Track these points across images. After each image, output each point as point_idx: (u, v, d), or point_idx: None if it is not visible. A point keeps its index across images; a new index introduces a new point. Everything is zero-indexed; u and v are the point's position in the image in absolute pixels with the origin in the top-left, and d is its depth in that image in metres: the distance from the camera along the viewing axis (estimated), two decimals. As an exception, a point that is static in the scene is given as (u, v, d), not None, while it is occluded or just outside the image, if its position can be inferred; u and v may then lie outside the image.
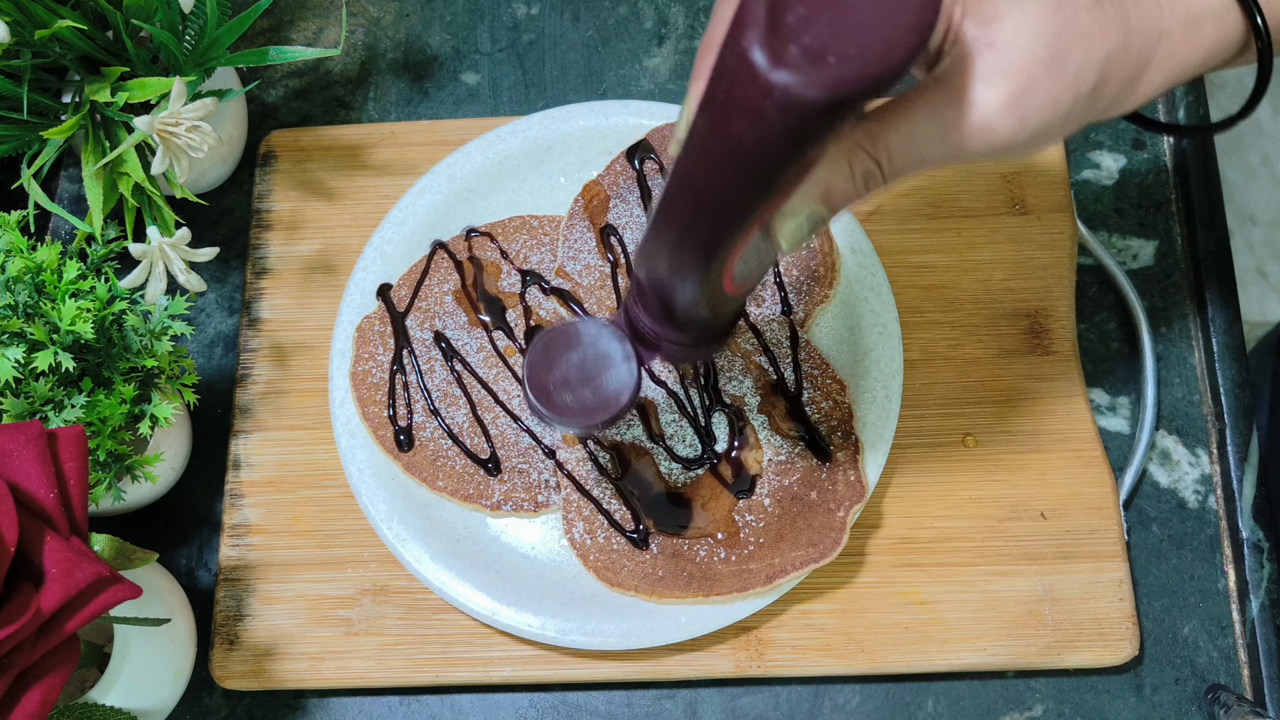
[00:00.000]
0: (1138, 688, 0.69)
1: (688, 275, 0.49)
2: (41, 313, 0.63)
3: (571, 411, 0.58)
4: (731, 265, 0.48)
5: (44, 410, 0.62)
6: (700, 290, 0.50)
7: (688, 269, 0.48)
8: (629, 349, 0.59)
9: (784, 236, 0.46)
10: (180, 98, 0.64)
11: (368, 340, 0.73)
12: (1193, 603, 0.71)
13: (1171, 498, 0.73)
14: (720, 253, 0.47)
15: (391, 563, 0.71)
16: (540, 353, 0.59)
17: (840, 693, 0.69)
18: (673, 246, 0.47)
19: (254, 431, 0.75)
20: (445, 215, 0.77)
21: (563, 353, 0.59)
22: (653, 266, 0.50)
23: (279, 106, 0.85)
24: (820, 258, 0.74)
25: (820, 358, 0.71)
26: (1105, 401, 0.75)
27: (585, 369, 0.58)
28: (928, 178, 0.78)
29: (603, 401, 0.58)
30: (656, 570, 0.67)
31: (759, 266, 0.51)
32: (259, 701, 0.71)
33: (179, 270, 0.67)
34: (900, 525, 0.71)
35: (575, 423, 0.59)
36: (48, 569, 0.50)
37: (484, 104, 0.84)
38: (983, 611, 0.69)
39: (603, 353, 0.59)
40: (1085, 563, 0.69)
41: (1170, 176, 0.80)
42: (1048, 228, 0.77)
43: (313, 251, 0.79)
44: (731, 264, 0.48)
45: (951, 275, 0.76)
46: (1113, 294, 0.77)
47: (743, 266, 0.49)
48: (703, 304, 0.51)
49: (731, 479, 0.69)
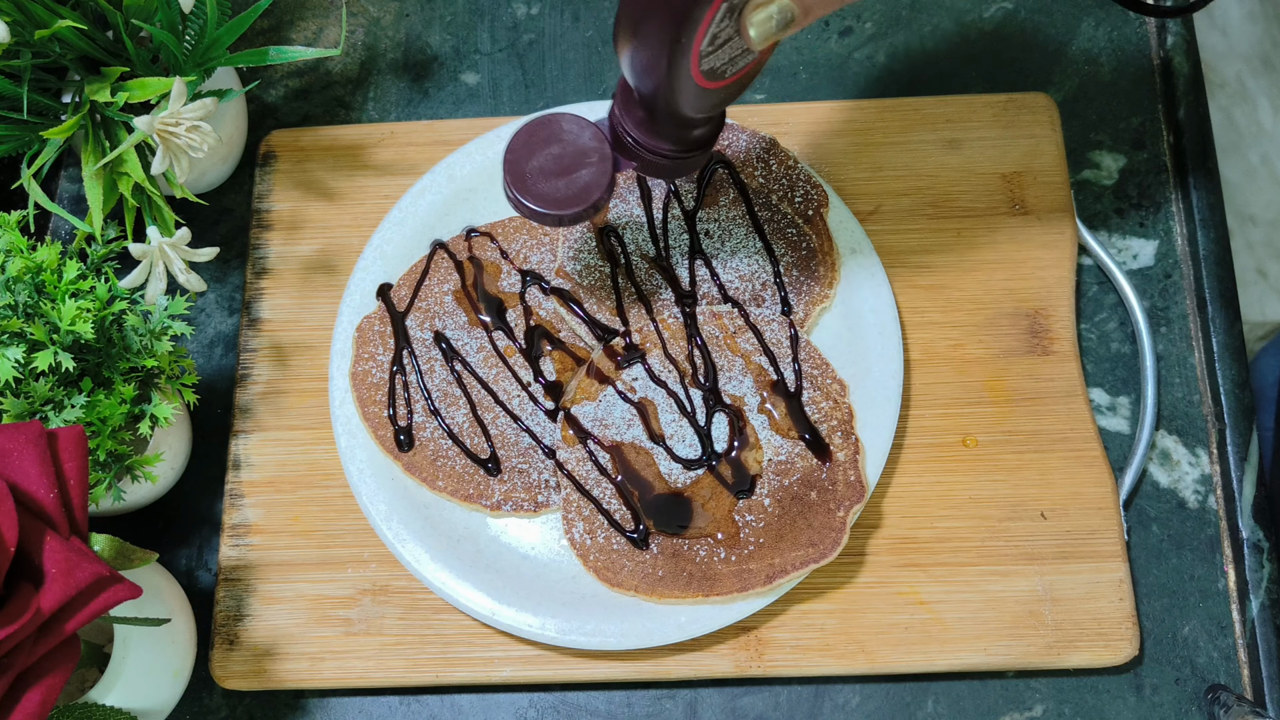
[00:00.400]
0: (1138, 688, 0.69)
1: (653, 48, 0.49)
2: (41, 313, 0.62)
3: (543, 199, 0.61)
4: (698, 46, 0.49)
5: (44, 410, 0.62)
6: (671, 75, 0.51)
7: (652, 41, 0.49)
8: (607, 151, 0.61)
9: (754, 27, 0.48)
10: (180, 98, 0.64)
11: (368, 340, 0.73)
12: (1193, 603, 0.70)
13: (1171, 498, 0.73)
14: (686, 23, 0.47)
15: (391, 563, 0.71)
16: (522, 140, 0.62)
17: (840, 693, 0.69)
18: (639, 12, 0.49)
19: (254, 431, 0.75)
20: (445, 215, 0.77)
21: (543, 145, 0.61)
22: (623, 39, 0.51)
23: (279, 106, 0.84)
24: (820, 257, 0.73)
25: (820, 358, 0.71)
26: (1105, 401, 0.75)
27: (562, 161, 0.61)
28: (928, 178, 0.78)
29: (573, 195, 0.61)
30: (656, 570, 0.67)
31: (733, 64, 0.52)
32: (259, 701, 0.71)
33: (179, 270, 0.67)
34: (900, 525, 0.71)
35: (544, 210, 0.61)
36: (48, 569, 0.50)
37: (484, 104, 0.84)
38: (983, 611, 0.69)
39: (582, 148, 0.61)
40: (1085, 563, 0.69)
41: (1170, 176, 0.80)
42: (1048, 228, 0.76)
43: (313, 251, 0.79)
44: (698, 44, 0.49)
45: (952, 275, 0.76)
46: (1113, 294, 0.77)
47: (713, 55, 0.50)
48: (677, 96, 0.52)
49: (731, 479, 0.68)
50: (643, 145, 0.59)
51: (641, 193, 0.75)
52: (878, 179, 0.78)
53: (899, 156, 0.79)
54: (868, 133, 0.79)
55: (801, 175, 0.75)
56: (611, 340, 0.72)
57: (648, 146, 0.59)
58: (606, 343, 0.72)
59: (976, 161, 0.78)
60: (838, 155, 0.79)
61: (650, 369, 0.71)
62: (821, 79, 0.83)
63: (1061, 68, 0.83)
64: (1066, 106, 0.81)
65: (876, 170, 0.79)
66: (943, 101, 0.80)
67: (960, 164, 0.78)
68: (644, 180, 0.75)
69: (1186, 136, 0.80)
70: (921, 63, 0.83)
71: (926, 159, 0.78)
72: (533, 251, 0.75)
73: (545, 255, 0.75)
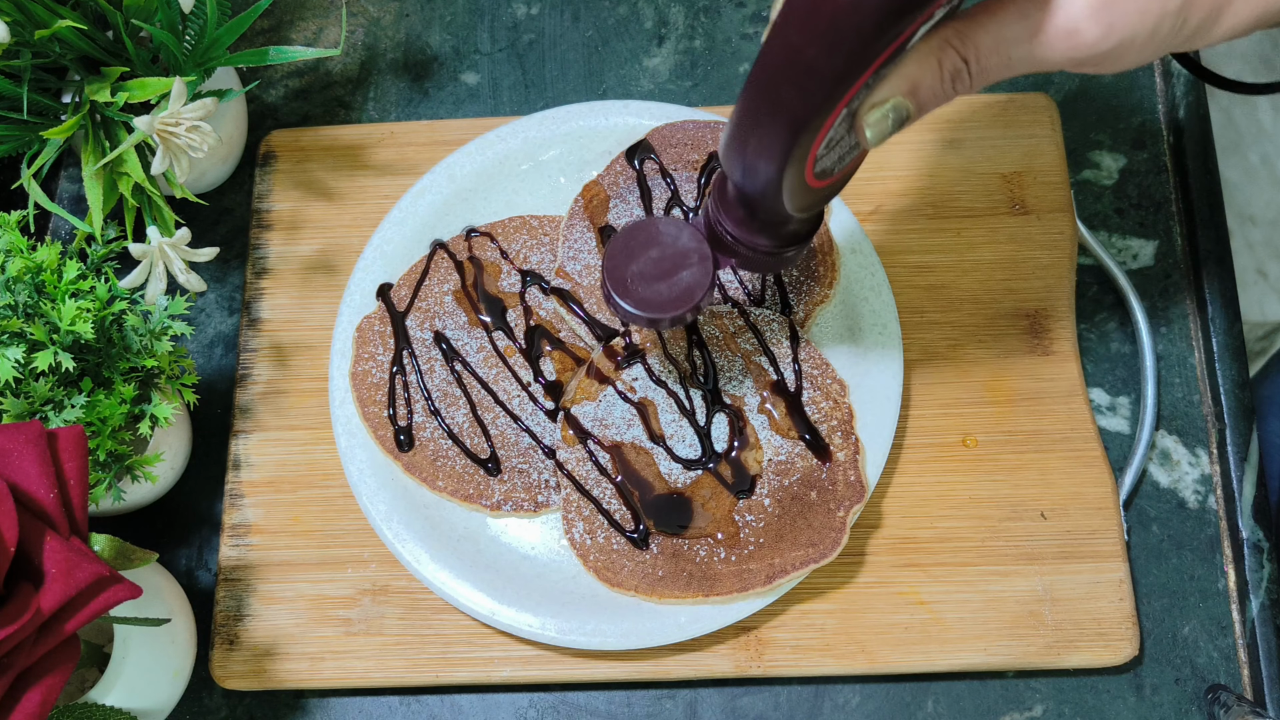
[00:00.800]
0: (1138, 688, 0.69)
1: (772, 157, 0.49)
2: (41, 313, 0.62)
3: (647, 304, 0.61)
4: (815, 150, 0.48)
5: (44, 410, 0.62)
6: (783, 179, 0.50)
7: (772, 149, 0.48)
8: (706, 250, 0.61)
9: (870, 127, 0.48)
10: (180, 98, 0.64)
11: (368, 340, 0.73)
12: (1193, 603, 0.70)
13: (1171, 498, 0.73)
14: (806, 132, 0.47)
15: (391, 563, 0.71)
16: (620, 246, 0.62)
17: (840, 693, 0.69)
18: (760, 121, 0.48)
19: (254, 431, 0.75)
20: (445, 215, 0.77)
21: (643, 248, 0.61)
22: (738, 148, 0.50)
23: (279, 106, 0.84)
24: (820, 257, 0.73)
25: (820, 358, 0.71)
26: (1105, 401, 0.75)
27: (663, 265, 0.61)
28: (928, 178, 0.78)
29: (676, 298, 0.61)
30: (656, 570, 0.67)
31: (841, 161, 0.52)
32: (259, 702, 0.71)
33: (179, 270, 0.67)
34: (900, 525, 0.71)
35: (649, 315, 0.61)
36: (48, 569, 0.50)
37: (484, 104, 0.84)
38: (983, 611, 0.69)
39: (681, 250, 0.61)
40: (1085, 563, 0.69)
41: (1170, 176, 0.80)
42: (1048, 228, 0.76)
43: (313, 251, 0.79)
44: (815, 149, 0.48)
45: (951, 275, 0.76)
46: (1113, 294, 0.77)
47: (826, 156, 0.50)
48: (784, 197, 0.52)
49: (731, 479, 0.68)
50: (741, 242, 0.58)
51: (642, 193, 0.75)
52: (878, 179, 0.78)
53: (899, 156, 0.79)
54: (868, 133, 0.79)
55: (801, 175, 0.75)
56: (611, 340, 0.72)
57: (746, 243, 0.58)
58: (606, 343, 0.72)
59: (976, 161, 0.78)
60: (837, 155, 0.79)
61: (650, 369, 0.71)
62: (821, 79, 0.83)
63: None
64: (1066, 106, 0.81)
65: (876, 170, 0.78)
66: (943, 101, 0.80)
67: (960, 164, 0.78)
68: (644, 180, 0.75)
69: (1186, 136, 0.79)
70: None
71: (927, 159, 0.78)
72: (533, 252, 0.75)
73: (545, 255, 0.75)
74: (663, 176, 0.75)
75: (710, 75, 0.84)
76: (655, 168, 0.75)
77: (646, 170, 0.75)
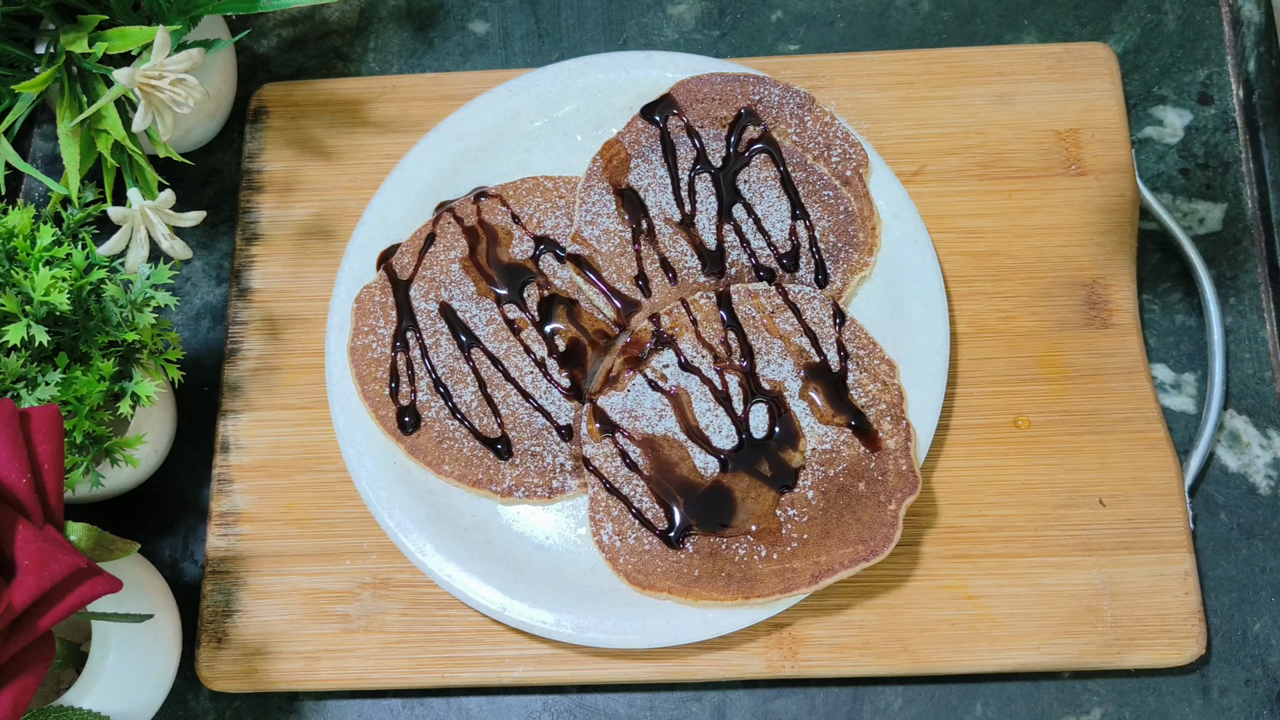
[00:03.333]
0: (1204, 689, 0.68)
1: None
2: (13, 282, 0.62)
3: None
4: None
5: (16, 388, 0.62)
6: None
7: None
8: None
9: None
10: (164, 48, 0.64)
11: (368, 312, 0.72)
12: (1264, 597, 0.69)
13: (1241, 483, 0.72)
14: None
15: (393, 554, 0.71)
16: None
17: (881, 695, 0.68)
18: None
19: (244, 411, 0.75)
20: (452, 176, 0.76)
21: None
22: None
23: (271, 58, 0.84)
24: (859, 222, 0.72)
25: (867, 336, 0.70)
26: (1169, 379, 0.74)
27: None
28: (977, 135, 0.77)
29: None
30: (692, 570, 0.66)
31: None
32: (249, 705, 0.71)
33: (162, 236, 0.66)
34: (947, 513, 0.70)
35: None
36: (20, 560, 0.50)
37: (494, 55, 0.84)
38: (1036, 607, 0.68)
39: None
40: (1147, 554, 0.68)
41: (1240, 134, 0.79)
42: (1107, 190, 0.76)
43: (308, 216, 0.78)
44: None
45: (1003, 241, 0.75)
46: (1177, 262, 0.76)
47: None
48: None
49: (771, 472, 0.67)
50: None
51: (665, 152, 0.74)
52: (922, 137, 0.78)
53: (945, 112, 0.78)
54: (911, 86, 0.79)
55: (839, 133, 0.74)
56: (632, 312, 0.71)
57: None
58: (627, 314, 0.71)
59: (1029, 117, 0.78)
60: (879, 111, 0.78)
61: (682, 354, 0.70)
62: (861, 27, 0.83)
63: (1122, 15, 0.82)
64: (1127, 58, 0.81)
65: (921, 127, 0.78)
66: (993, 52, 0.79)
67: (1012, 120, 0.78)
68: (668, 138, 0.74)
69: (1258, 91, 0.78)
70: (970, 9, 0.82)
71: (975, 115, 0.78)
72: (547, 216, 0.75)
73: (560, 220, 0.74)
74: (688, 135, 0.74)
75: (740, 23, 0.83)
76: (680, 125, 0.75)
77: (670, 128, 0.75)
